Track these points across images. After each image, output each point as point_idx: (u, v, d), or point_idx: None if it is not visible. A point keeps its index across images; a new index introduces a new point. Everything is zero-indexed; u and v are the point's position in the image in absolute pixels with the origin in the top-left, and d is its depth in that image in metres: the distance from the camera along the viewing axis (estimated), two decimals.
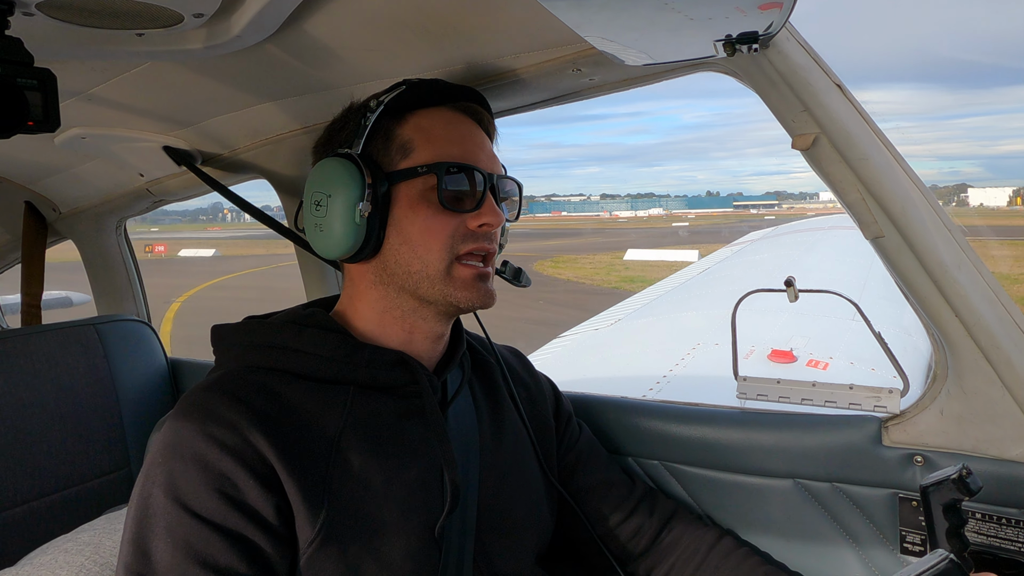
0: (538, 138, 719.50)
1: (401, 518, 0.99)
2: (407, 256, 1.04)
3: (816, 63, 1.05)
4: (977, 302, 1.08)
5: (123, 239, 2.48)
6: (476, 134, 1.12)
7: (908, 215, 1.06)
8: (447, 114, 1.10)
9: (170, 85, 1.43)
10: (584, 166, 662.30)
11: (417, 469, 1.03)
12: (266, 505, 0.91)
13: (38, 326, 2.02)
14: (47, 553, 1.23)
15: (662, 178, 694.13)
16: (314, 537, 0.93)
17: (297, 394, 1.00)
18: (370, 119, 1.05)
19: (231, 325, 1.10)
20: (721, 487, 1.36)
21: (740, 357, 1.45)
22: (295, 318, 1.08)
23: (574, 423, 1.37)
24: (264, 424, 0.93)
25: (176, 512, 0.88)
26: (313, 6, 1.08)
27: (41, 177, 2.23)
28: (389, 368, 1.05)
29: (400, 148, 1.06)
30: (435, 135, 1.07)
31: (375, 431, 1.02)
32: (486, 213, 1.05)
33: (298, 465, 0.94)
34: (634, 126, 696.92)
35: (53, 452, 1.81)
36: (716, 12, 0.82)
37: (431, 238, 1.03)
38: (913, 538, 1.21)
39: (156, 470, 0.91)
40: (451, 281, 1.04)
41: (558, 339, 5.13)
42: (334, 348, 1.03)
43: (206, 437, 0.91)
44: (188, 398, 0.97)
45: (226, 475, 0.90)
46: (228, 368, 1.03)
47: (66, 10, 0.98)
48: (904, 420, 1.21)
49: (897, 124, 10.62)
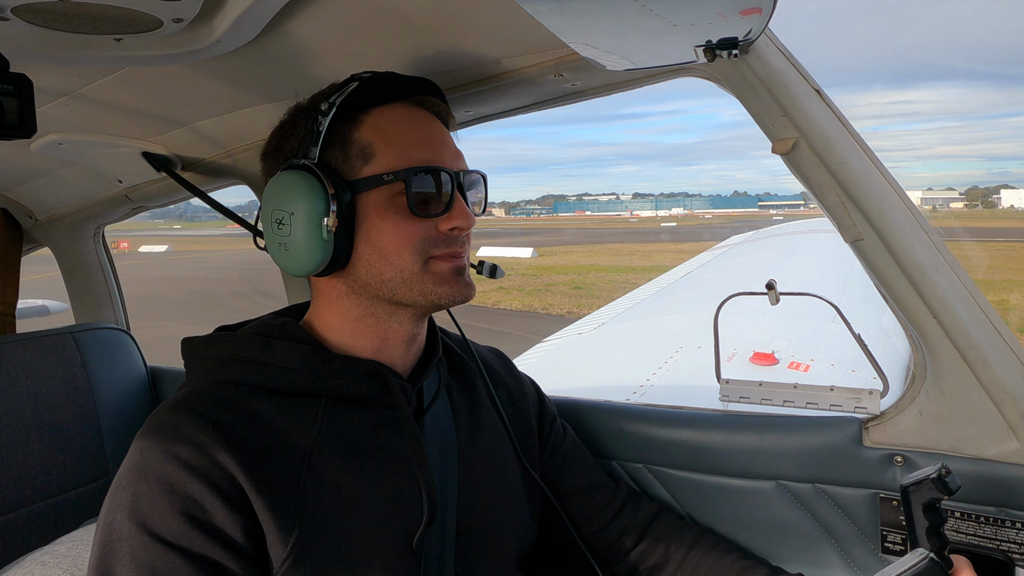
0: (573, 136, 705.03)
1: (377, 532, 0.97)
2: (379, 265, 1.01)
3: (795, 68, 1.06)
4: (954, 303, 1.09)
5: (101, 246, 2.45)
6: (437, 130, 1.08)
7: (886, 218, 1.08)
8: (404, 111, 1.06)
9: (149, 90, 1.42)
10: (620, 165, 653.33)
11: (393, 481, 1.01)
12: (234, 526, 0.88)
13: (14, 335, 1.98)
14: (23, 566, 1.21)
15: (700, 177, 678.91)
16: (286, 557, 0.90)
17: (267, 409, 0.97)
18: (323, 124, 1.01)
19: (201, 338, 1.07)
20: (705, 489, 1.37)
21: (722, 360, 1.46)
22: (265, 329, 1.04)
23: (558, 425, 1.36)
24: (232, 443, 0.91)
25: (140, 537, 0.86)
26: (293, 11, 1.07)
27: (17, 183, 2.19)
28: (362, 379, 1.02)
29: (360, 153, 1.01)
30: (395, 136, 1.02)
31: (348, 444, 0.99)
32: (456, 216, 1.02)
33: (268, 484, 0.91)
34: (672, 124, 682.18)
35: (30, 463, 1.78)
36: (697, 18, 0.83)
37: (402, 245, 1.00)
38: (894, 537, 1.22)
39: (121, 494, 0.89)
40: (428, 278, 1.01)
41: (541, 343, 5.13)
42: (304, 360, 1.00)
43: (171, 458, 0.88)
44: (155, 418, 0.94)
45: (192, 497, 0.87)
46: (196, 384, 1.00)
47: (42, 14, 0.97)
48: (884, 421, 1.22)
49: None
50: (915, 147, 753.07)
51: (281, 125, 1.09)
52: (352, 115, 1.03)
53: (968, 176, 50.98)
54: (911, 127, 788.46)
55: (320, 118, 1.01)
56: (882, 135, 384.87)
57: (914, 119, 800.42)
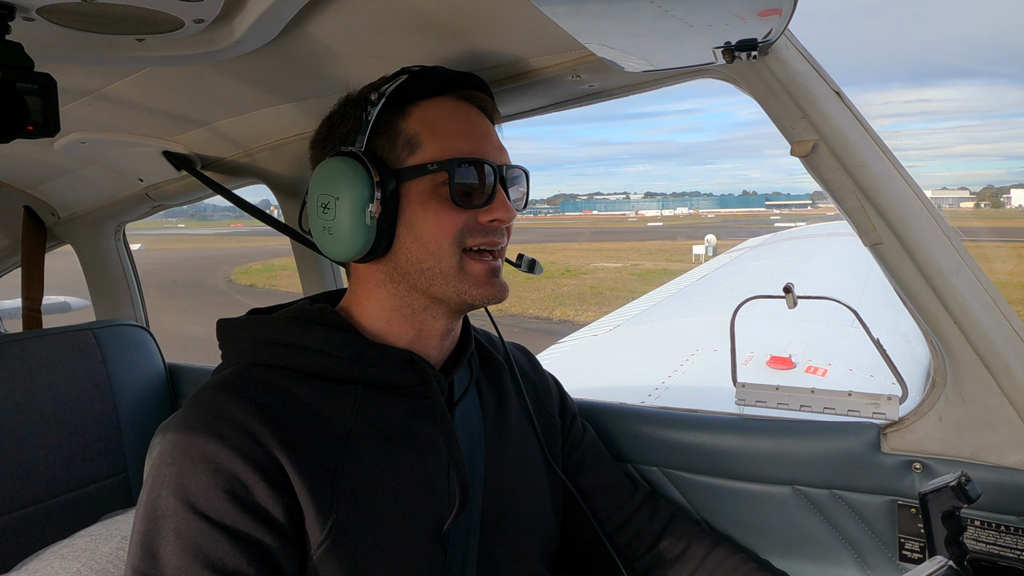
0: (587, 135, 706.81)
1: (408, 519, 0.99)
2: (419, 254, 1.02)
3: (815, 70, 1.05)
4: (975, 308, 1.08)
5: (122, 244, 2.48)
6: (482, 124, 1.09)
7: (907, 222, 1.07)
8: (451, 104, 1.07)
9: (170, 90, 1.44)
10: (634, 164, 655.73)
11: (425, 469, 1.02)
12: (276, 506, 0.90)
13: (36, 331, 2.01)
14: (43, 559, 1.23)
15: (715, 177, 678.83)
16: (324, 539, 0.92)
17: (306, 393, 0.98)
18: (372, 113, 1.02)
19: (236, 320, 1.08)
20: (720, 494, 1.36)
21: (739, 363, 1.45)
22: (302, 314, 1.06)
23: (578, 423, 1.36)
24: (274, 424, 0.92)
25: (185, 514, 0.88)
26: (313, 12, 1.08)
27: (40, 182, 2.23)
28: (398, 367, 1.04)
29: (406, 143, 1.03)
30: (441, 128, 1.04)
31: (384, 431, 1.01)
32: (497, 208, 1.03)
33: (308, 466, 0.93)
34: (686, 123, 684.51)
35: (50, 457, 1.80)
36: (716, 19, 0.83)
37: (442, 234, 1.01)
38: (912, 545, 1.21)
39: (165, 471, 0.90)
40: (464, 278, 1.03)
41: (556, 345, 5.13)
42: (342, 347, 1.02)
43: (216, 438, 0.90)
44: (197, 397, 0.96)
45: (236, 476, 0.89)
46: (236, 365, 1.02)
47: (67, 15, 0.98)
48: (903, 427, 1.21)
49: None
50: (934, 146, 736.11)
51: (331, 115, 1.10)
52: (400, 106, 1.05)
53: (987, 175, 49.53)
54: (930, 126, 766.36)
55: (369, 107, 1.03)
56: (900, 134, 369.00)
57: (933, 118, 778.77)
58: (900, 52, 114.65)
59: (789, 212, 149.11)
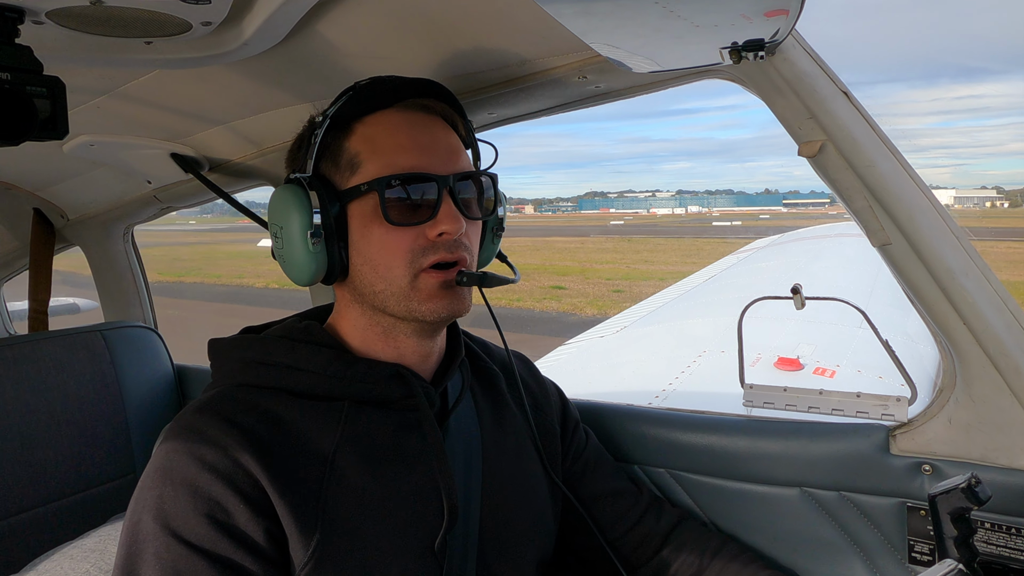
0: (626, 132, 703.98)
1: (398, 535, 0.97)
2: (370, 276, 1.01)
3: (822, 70, 1.05)
4: (985, 309, 1.07)
5: (130, 246, 2.49)
6: (427, 133, 1.03)
7: (915, 222, 1.06)
8: (396, 116, 1.03)
9: (178, 92, 1.44)
10: (674, 161, 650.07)
11: (414, 484, 1.01)
12: (256, 530, 0.89)
13: (45, 332, 2.02)
14: (52, 559, 1.24)
15: (756, 174, 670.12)
16: (308, 559, 0.91)
17: (291, 413, 0.98)
18: (318, 136, 1.01)
19: (227, 340, 1.08)
20: (727, 495, 1.36)
21: (746, 364, 1.45)
22: (289, 332, 1.05)
23: (581, 430, 1.35)
24: (256, 446, 0.92)
25: (164, 538, 0.87)
26: (320, 13, 1.08)
27: (49, 184, 2.24)
28: (385, 382, 1.03)
29: (348, 164, 1.01)
30: (380, 144, 1.01)
31: (371, 447, 1.00)
32: (442, 221, 0.98)
33: (291, 487, 0.92)
34: (726, 120, 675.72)
35: (59, 458, 1.81)
36: (722, 19, 0.83)
37: (390, 256, 0.99)
38: (921, 548, 1.20)
39: (146, 495, 0.90)
40: (415, 294, 1.00)
41: (563, 346, 5.12)
42: (327, 364, 1.01)
43: (196, 461, 0.89)
44: (180, 420, 0.96)
45: (216, 500, 0.88)
46: (222, 387, 1.02)
47: (76, 19, 0.99)
48: (912, 428, 1.20)
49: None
50: (985, 144, 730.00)
51: (297, 138, 1.09)
52: (346, 124, 1.03)
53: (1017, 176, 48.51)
54: (980, 123, 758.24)
55: (316, 130, 1.02)
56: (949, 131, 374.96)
57: (984, 115, 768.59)
58: (949, 46, 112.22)
59: (789, 212, 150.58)
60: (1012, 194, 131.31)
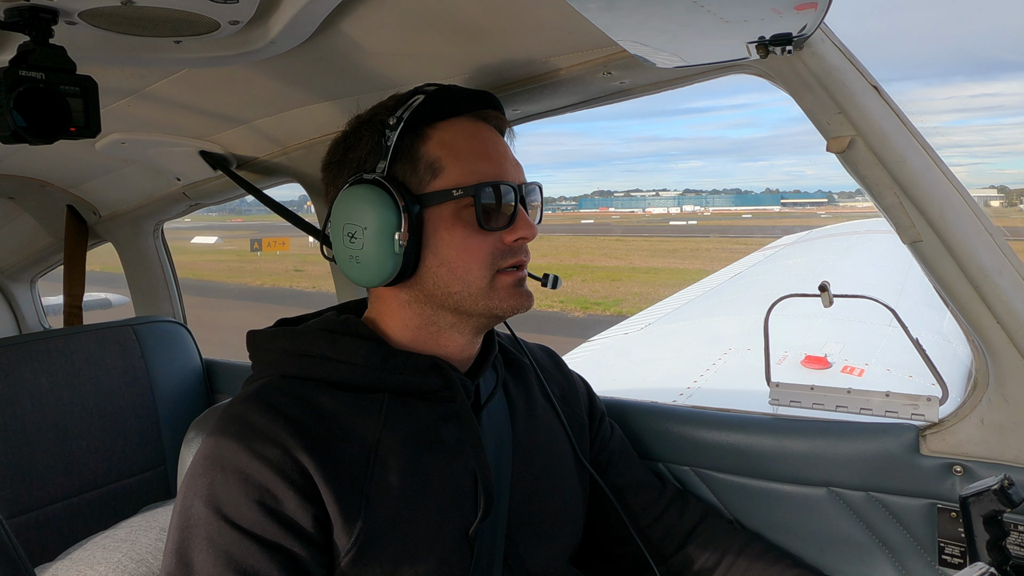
0: (638, 131, 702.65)
1: (436, 523, 1.00)
2: (446, 278, 1.03)
3: (852, 64, 1.03)
4: (1020, 308, 1.05)
5: (160, 242, 2.53)
6: (499, 144, 1.10)
7: (947, 218, 1.04)
8: (468, 125, 1.07)
9: (206, 91, 1.46)
10: (686, 160, 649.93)
11: (451, 473, 1.04)
12: (305, 516, 0.92)
13: (78, 327, 2.07)
14: (85, 549, 1.27)
15: (768, 173, 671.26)
16: (351, 546, 0.94)
17: (334, 404, 1.00)
18: (391, 138, 1.02)
19: (266, 331, 1.10)
20: (753, 494, 1.35)
21: (773, 363, 1.43)
22: (329, 325, 1.07)
23: (607, 422, 1.36)
24: (303, 436, 0.94)
25: (217, 523, 0.90)
26: (346, 12, 1.09)
27: (82, 181, 2.29)
28: (423, 374, 1.05)
29: (428, 168, 1.03)
30: (461, 151, 1.04)
31: (411, 437, 1.02)
32: (520, 227, 1.04)
33: (336, 476, 0.95)
34: (739, 119, 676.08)
35: (92, 450, 1.85)
36: (750, 14, 0.82)
37: (470, 259, 1.02)
38: (952, 550, 1.18)
39: (198, 481, 0.93)
40: (494, 293, 1.04)
41: (587, 343, 5.11)
42: (368, 356, 1.03)
43: (247, 451, 0.93)
44: (229, 410, 0.99)
45: (266, 487, 0.91)
46: (266, 378, 1.04)
47: (107, 19, 1.01)
48: (943, 429, 1.18)
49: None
50: (1001, 142, 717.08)
51: (345, 136, 1.10)
52: (419, 129, 1.04)
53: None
54: (997, 121, 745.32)
55: (388, 132, 1.03)
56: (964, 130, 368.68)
57: (1000, 113, 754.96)
58: (964, 44, 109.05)
59: (780, 212, 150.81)
60: (1011, 194, 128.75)
